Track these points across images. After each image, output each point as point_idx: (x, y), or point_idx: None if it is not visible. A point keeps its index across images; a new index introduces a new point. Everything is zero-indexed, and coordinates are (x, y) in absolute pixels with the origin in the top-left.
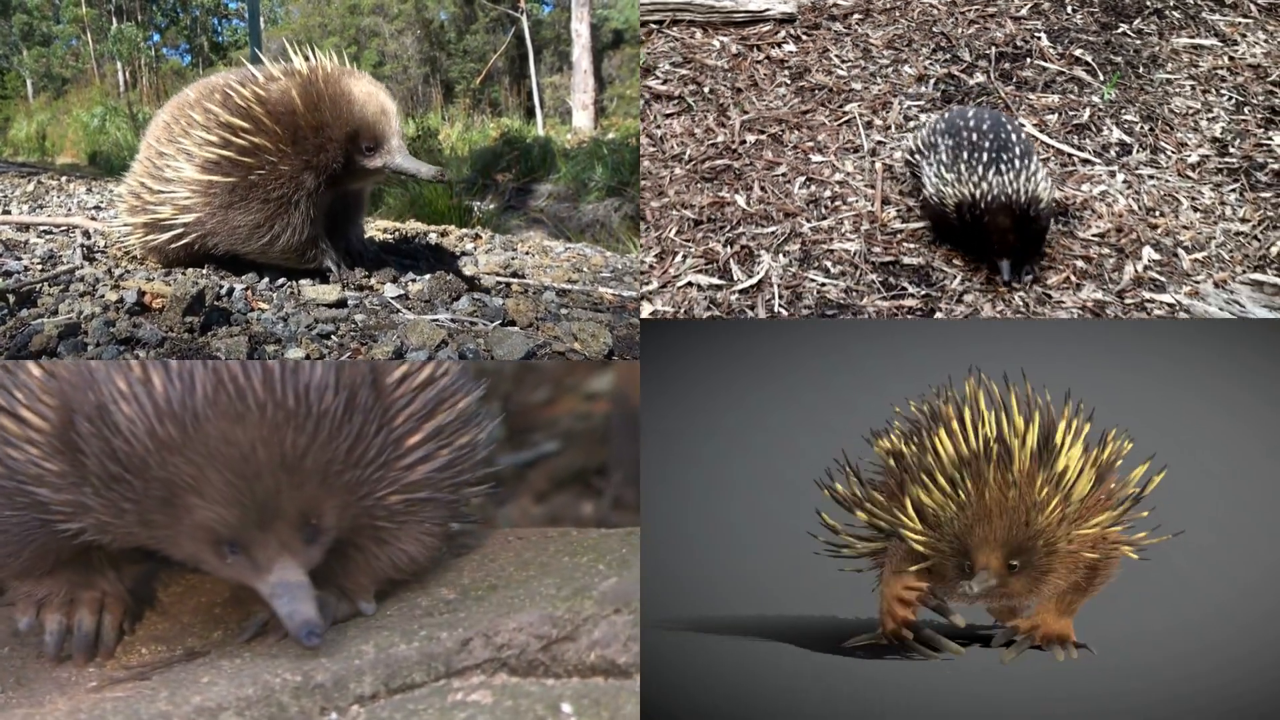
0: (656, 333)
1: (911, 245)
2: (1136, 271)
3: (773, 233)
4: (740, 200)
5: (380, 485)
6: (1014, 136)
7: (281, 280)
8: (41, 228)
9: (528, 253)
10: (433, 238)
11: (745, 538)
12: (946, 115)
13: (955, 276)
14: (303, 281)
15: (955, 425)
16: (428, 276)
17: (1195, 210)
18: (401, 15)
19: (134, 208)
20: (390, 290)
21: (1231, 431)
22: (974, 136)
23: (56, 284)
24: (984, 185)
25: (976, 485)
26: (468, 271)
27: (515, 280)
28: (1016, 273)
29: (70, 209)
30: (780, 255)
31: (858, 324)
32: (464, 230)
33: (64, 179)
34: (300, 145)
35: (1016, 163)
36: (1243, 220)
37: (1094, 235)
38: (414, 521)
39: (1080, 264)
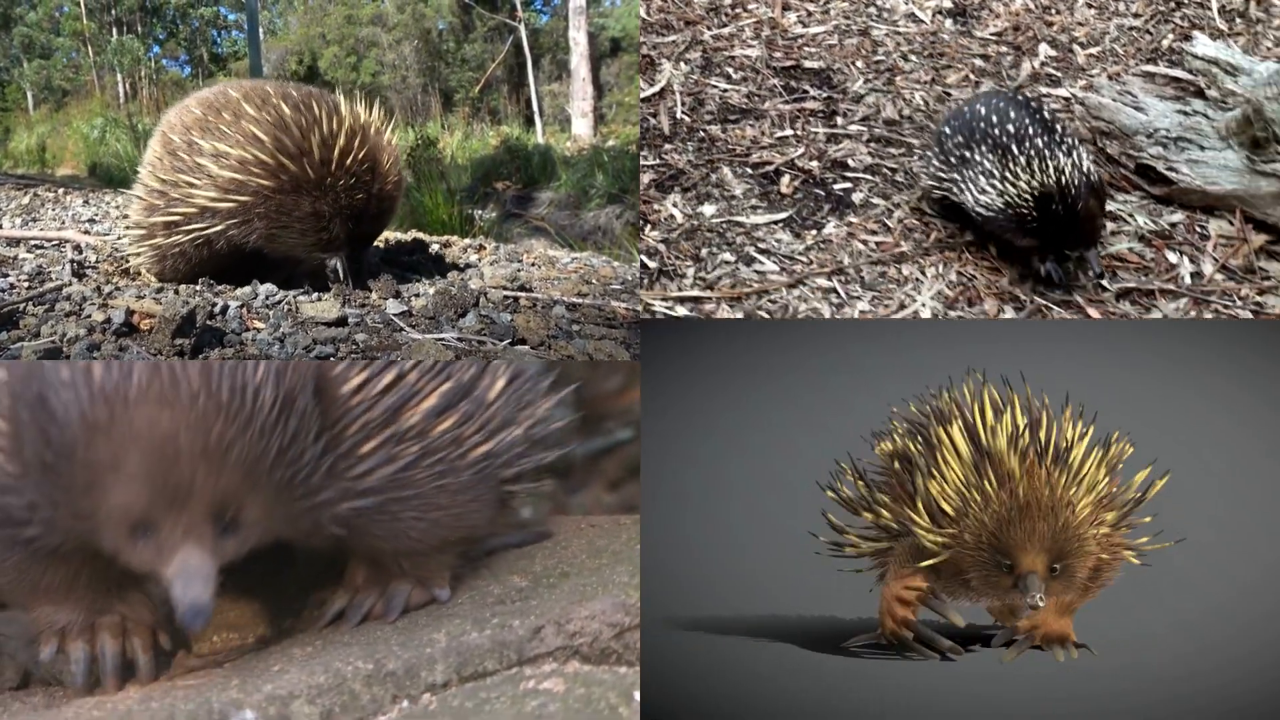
0: (656, 333)
1: (812, 50)
2: (1034, 68)
3: (673, 41)
4: (640, 10)
5: (323, 490)
6: (1043, 109)
7: (279, 296)
8: (33, 242)
9: (533, 264)
10: (435, 249)
11: (745, 538)
12: (950, 127)
13: (858, 79)
14: (300, 299)
15: (968, 420)
16: (432, 291)
17: (1090, 7)
18: (400, 25)
19: (151, 206)
20: (393, 306)
21: (1231, 431)
22: (1010, 127)
23: (41, 303)
24: (1067, 166)
25: (1005, 481)
26: (473, 285)
27: (524, 294)
28: (1098, 263)
29: (64, 222)
30: (681, 64)
31: (858, 324)
32: (467, 241)
33: (61, 191)
34: None
35: (1069, 139)
36: (1135, 15)
37: (991, 34)
38: (394, 515)
39: (978, 62)
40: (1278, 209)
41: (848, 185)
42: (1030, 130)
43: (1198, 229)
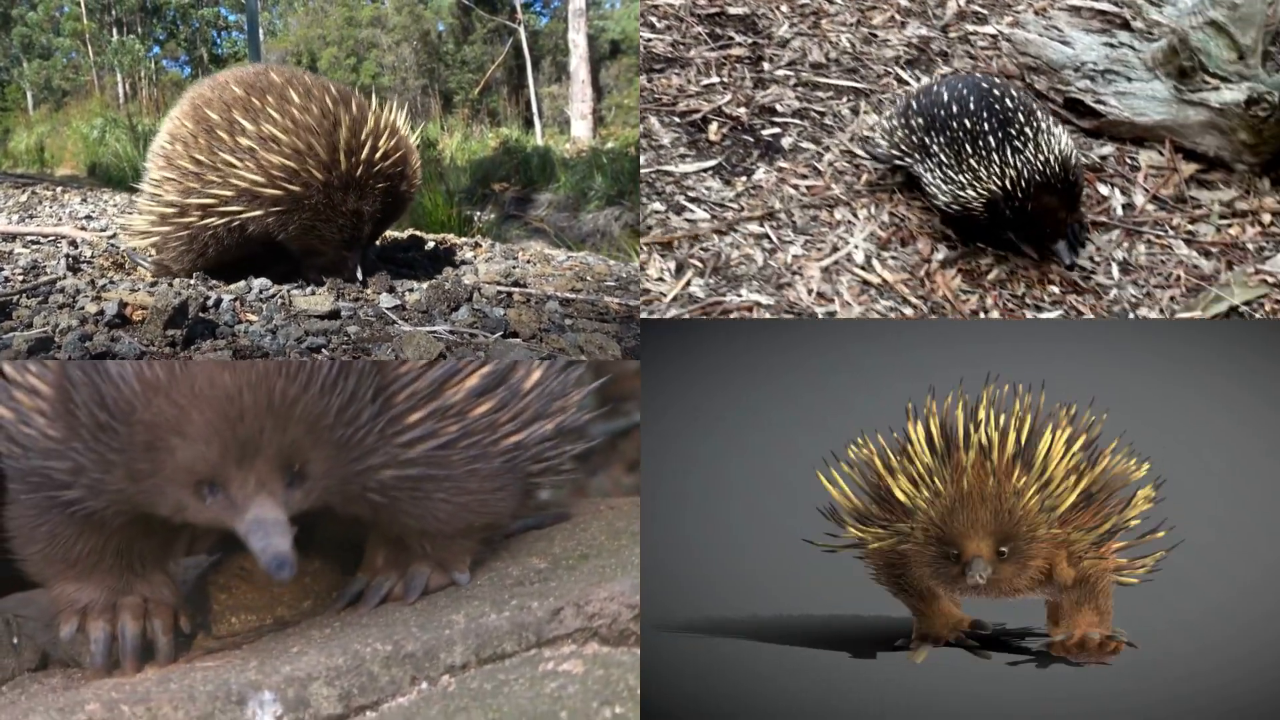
0: (656, 333)
1: None
2: (959, 6)
3: None
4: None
5: (375, 453)
6: (1007, 99)
7: (272, 290)
8: (29, 238)
9: (529, 261)
10: (431, 246)
11: (745, 537)
12: (917, 103)
13: (783, 23)
14: (294, 291)
15: (942, 420)
16: (425, 286)
17: None
18: (399, 27)
19: (188, 189)
20: (386, 300)
21: (1231, 431)
22: (967, 122)
23: (35, 295)
24: (1010, 172)
25: (954, 474)
26: (467, 280)
27: (517, 290)
28: (1074, 250)
29: (62, 219)
30: None
31: (858, 324)
32: (463, 239)
33: (59, 190)
34: None
35: (1029, 130)
36: None
37: None
38: (428, 491)
39: (904, 3)
40: (1206, 138)
41: (776, 130)
42: (986, 127)
43: (1128, 160)
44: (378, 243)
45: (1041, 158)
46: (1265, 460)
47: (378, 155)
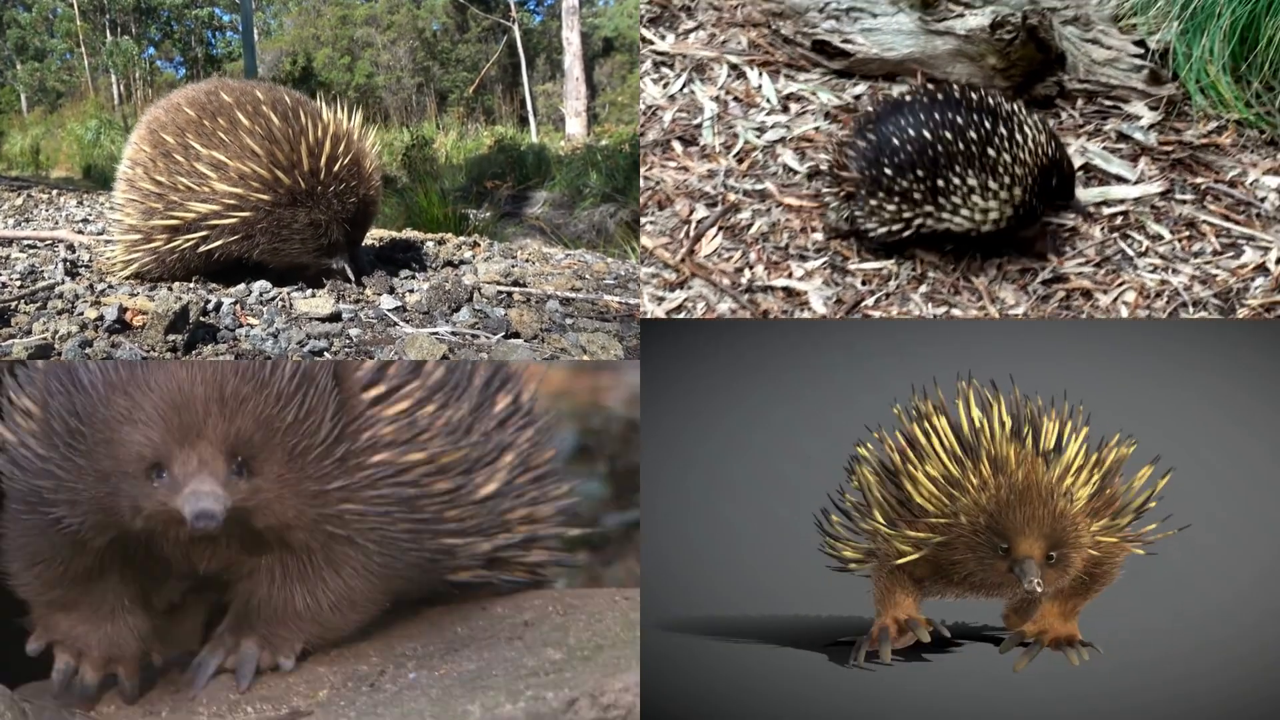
0: (656, 333)
1: None
2: None
3: None
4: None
5: (329, 478)
6: (963, 108)
7: (272, 293)
8: (25, 242)
9: (527, 260)
10: (429, 246)
11: (745, 538)
12: (876, 157)
13: None
14: (294, 294)
15: (951, 417)
16: (426, 286)
17: None
18: (394, 26)
19: (149, 209)
20: (387, 302)
21: (1231, 431)
22: (959, 144)
23: (34, 301)
24: (1027, 172)
25: (1001, 468)
26: (467, 280)
27: (517, 289)
28: (1054, 239)
29: (58, 223)
30: None
31: (858, 324)
32: (461, 238)
33: (55, 192)
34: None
35: (995, 147)
36: None
37: None
38: (353, 549)
39: None
40: (957, 66)
41: None
42: (977, 138)
43: (882, 97)
44: (374, 242)
45: (1033, 114)
46: (1265, 460)
47: (321, 164)
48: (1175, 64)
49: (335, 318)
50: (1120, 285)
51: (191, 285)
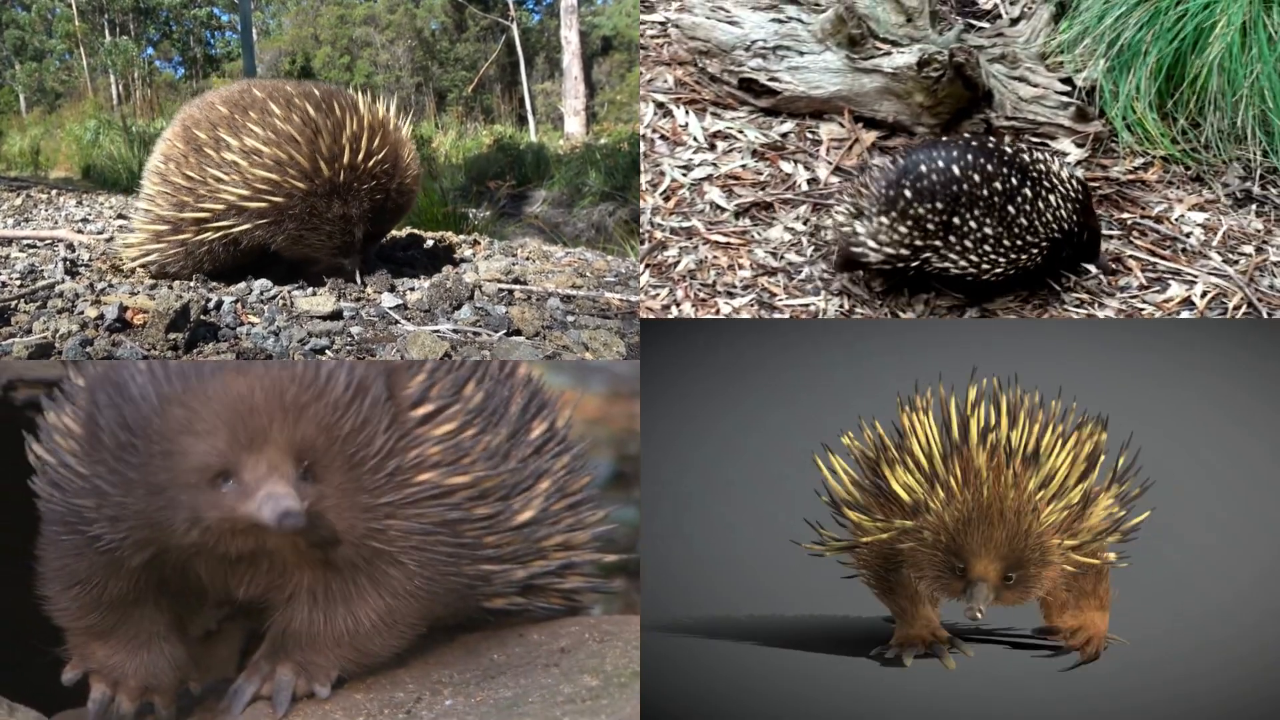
0: (656, 333)
1: None
2: None
3: None
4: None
5: (380, 492)
6: (1002, 149)
7: (273, 291)
8: (25, 242)
9: (528, 258)
10: (430, 244)
11: (744, 538)
12: (917, 193)
13: None
14: (295, 293)
15: (941, 416)
16: (427, 284)
17: None
18: (393, 25)
19: (181, 203)
20: (388, 300)
21: (1231, 431)
22: (997, 184)
23: (34, 300)
24: (1065, 205)
25: (971, 480)
26: (468, 278)
27: (518, 287)
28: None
29: (57, 222)
30: None
31: (858, 324)
32: (461, 237)
33: (54, 192)
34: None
35: (1016, 206)
36: None
37: None
38: (395, 568)
39: None
40: (884, 104)
41: None
42: (1015, 179)
43: (809, 135)
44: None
45: (1071, 179)
46: (1265, 460)
47: (360, 158)
48: (1102, 101)
49: (336, 316)
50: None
51: (192, 284)
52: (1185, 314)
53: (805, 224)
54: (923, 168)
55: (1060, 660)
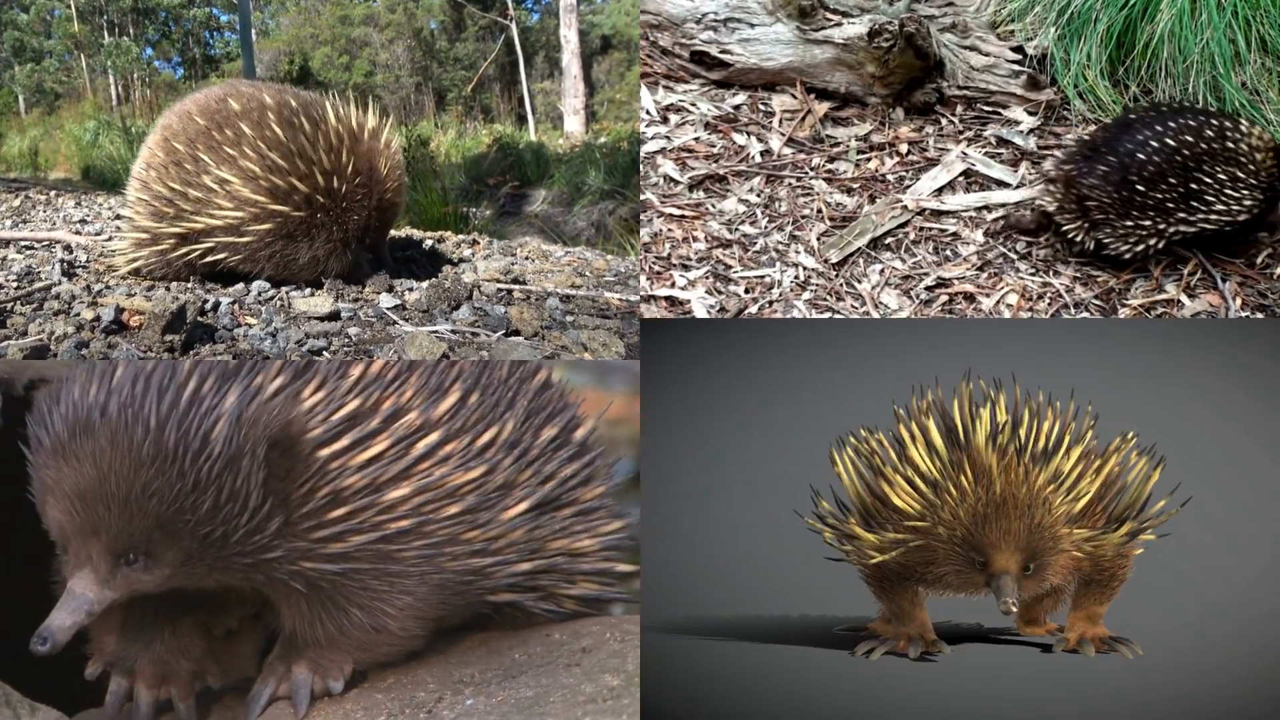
0: (656, 333)
1: None
2: None
3: None
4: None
5: (268, 549)
6: (1196, 113)
7: (271, 292)
8: (22, 243)
9: (527, 257)
10: (428, 244)
11: (745, 538)
12: (1112, 178)
13: None
14: (293, 293)
15: (945, 417)
16: (425, 285)
17: None
18: (392, 25)
19: (160, 213)
20: (386, 300)
21: (1231, 431)
22: (1203, 145)
23: (30, 302)
24: (1244, 195)
25: (982, 477)
26: (467, 278)
27: (517, 287)
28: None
29: (56, 223)
30: None
31: (858, 324)
32: (460, 236)
33: (53, 193)
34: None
35: (1231, 138)
36: None
37: None
38: (354, 582)
39: None
40: (836, 75)
41: None
42: (1222, 139)
43: (761, 107)
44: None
45: (1260, 130)
46: (1265, 460)
47: (328, 181)
48: (1054, 69)
49: (334, 316)
50: (1002, 288)
51: (189, 285)
52: (1140, 282)
53: (759, 195)
54: (1140, 155)
55: (1059, 660)
